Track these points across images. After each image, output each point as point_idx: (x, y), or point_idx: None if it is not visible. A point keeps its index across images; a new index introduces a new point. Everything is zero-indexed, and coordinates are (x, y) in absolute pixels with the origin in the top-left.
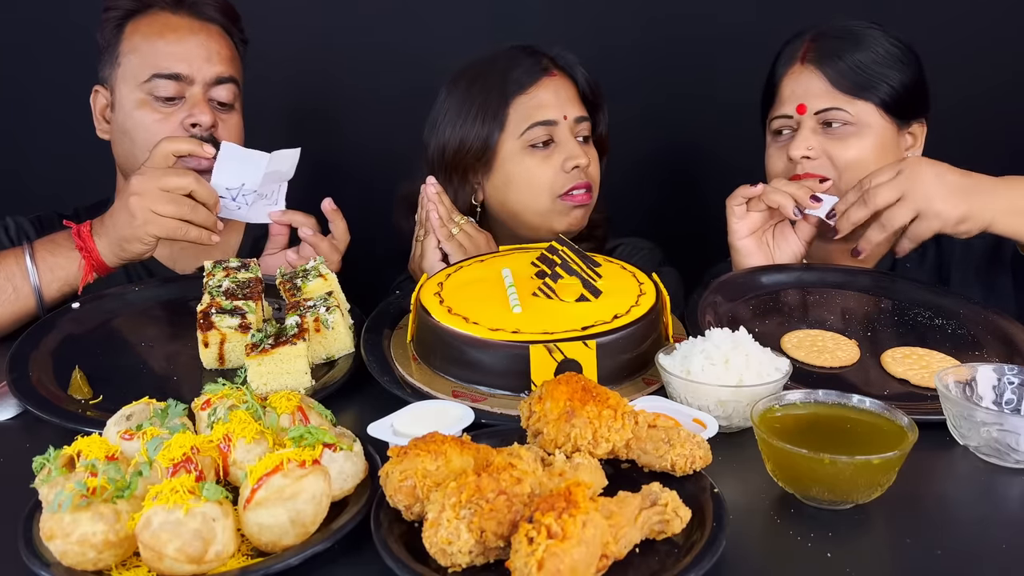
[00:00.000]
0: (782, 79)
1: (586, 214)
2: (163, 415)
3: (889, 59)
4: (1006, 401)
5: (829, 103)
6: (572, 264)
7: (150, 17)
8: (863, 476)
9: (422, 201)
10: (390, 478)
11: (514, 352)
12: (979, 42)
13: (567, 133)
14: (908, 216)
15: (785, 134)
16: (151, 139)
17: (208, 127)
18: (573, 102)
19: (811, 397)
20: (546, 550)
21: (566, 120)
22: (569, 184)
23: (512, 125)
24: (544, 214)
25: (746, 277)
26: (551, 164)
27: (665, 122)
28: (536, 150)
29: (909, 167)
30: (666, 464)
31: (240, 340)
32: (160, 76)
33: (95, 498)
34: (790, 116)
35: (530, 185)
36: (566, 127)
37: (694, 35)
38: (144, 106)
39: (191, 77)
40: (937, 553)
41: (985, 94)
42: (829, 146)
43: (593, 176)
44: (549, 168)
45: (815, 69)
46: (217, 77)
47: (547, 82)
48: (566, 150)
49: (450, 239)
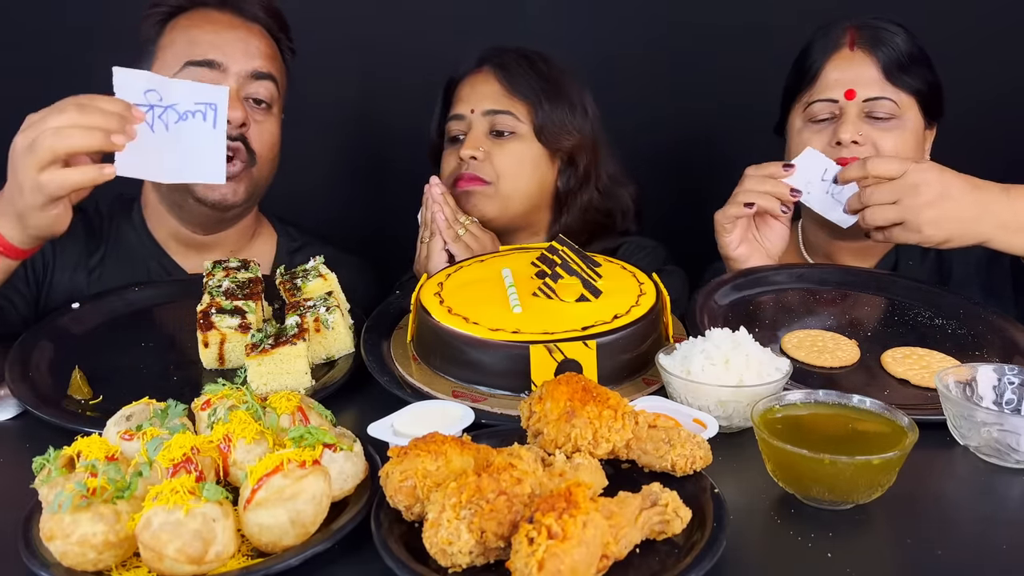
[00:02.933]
0: (826, 63)
1: (482, 205)
2: (163, 415)
3: (922, 57)
4: (1006, 401)
5: (879, 92)
6: (572, 264)
7: (193, 13)
8: (863, 476)
9: (426, 201)
10: (390, 478)
11: (514, 352)
12: (980, 48)
13: (475, 126)
14: (892, 219)
15: (826, 119)
16: None
17: (239, 124)
18: (489, 96)
19: (811, 397)
20: (546, 550)
21: (473, 113)
22: (457, 173)
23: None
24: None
25: (746, 278)
26: (454, 155)
27: (668, 119)
28: (452, 143)
29: (917, 172)
30: (666, 464)
31: (240, 340)
32: (192, 63)
33: (95, 499)
34: (835, 100)
35: (442, 175)
36: (474, 120)
37: (697, 33)
38: None
39: (225, 66)
40: (937, 553)
41: (984, 101)
42: (874, 135)
43: (490, 169)
44: (452, 158)
45: (868, 55)
46: (255, 71)
47: (470, 79)
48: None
49: (457, 240)
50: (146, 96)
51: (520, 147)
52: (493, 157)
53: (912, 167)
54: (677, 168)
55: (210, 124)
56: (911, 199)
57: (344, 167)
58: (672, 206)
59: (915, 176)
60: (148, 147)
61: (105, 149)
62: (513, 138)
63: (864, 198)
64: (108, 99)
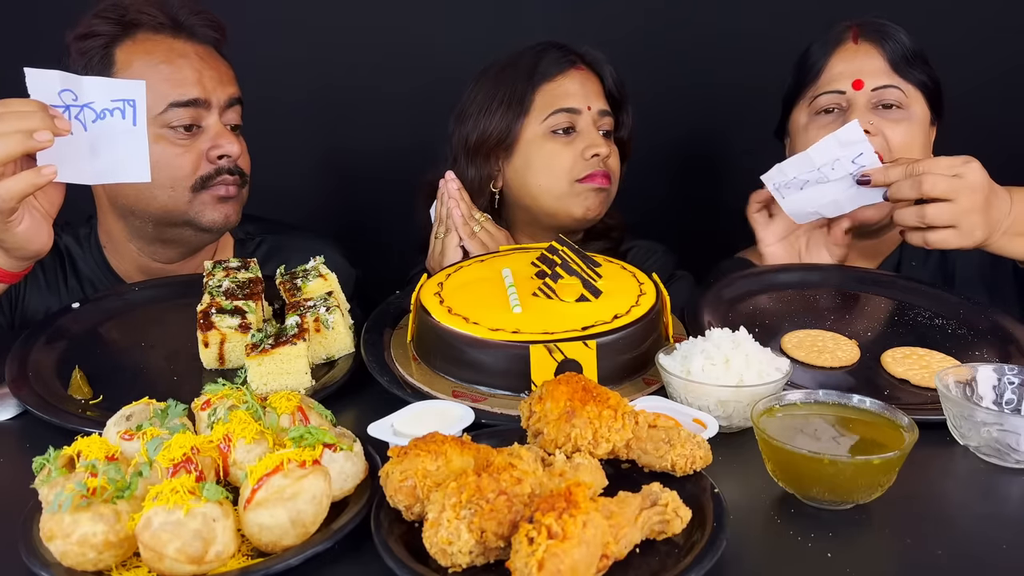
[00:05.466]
0: (830, 58)
1: (604, 202)
2: (163, 415)
3: (923, 56)
4: (1006, 401)
5: (887, 80)
6: (572, 264)
7: (144, 41)
8: (863, 476)
9: (441, 196)
10: (390, 478)
11: (514, 352)
12: (978, 45)
13: (589, 123)
14: (946, 221)
15: (833, 111)
16: (174, 175)
17: (236, 156)
18: (598, 96)
19: (811, 397)
20: (546, 550)
21: (589, 111)
22: (588, 170)
23: (536, 111)
24: (562, 198)
25: (747, 277)
26: (572, 150)
27: (675, 118)
28: (558, 136)
29: (972, 174)
30: (666, 464)
31: (240, 340)
32: (177, 104)
33: (95, 498)
34: (842, 92)
35: (550, 168)
36: (589, 117)
37: (701, 32)
38: (160, 140)
39: (208, 101)
40: (937, 553)
41: (981, 100)
42: (884, 126)
43: (612, 168)
44: (569, 153)
45: (874, 46)
46: (229, 99)
47: (574, 73)
48: (587, 138)
49: (472, 237)
50: (61, 96)
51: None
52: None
53: (963, 168)
54: (677, 171)
55: (129, 121)
56: (969, 199)
57: (312, 163)
58: (674, 208)
59: (971, 176)
60: (68, 149)
61: (31, 151)
62: (612, 140)
63: (921, 192)
64: (21, 100)
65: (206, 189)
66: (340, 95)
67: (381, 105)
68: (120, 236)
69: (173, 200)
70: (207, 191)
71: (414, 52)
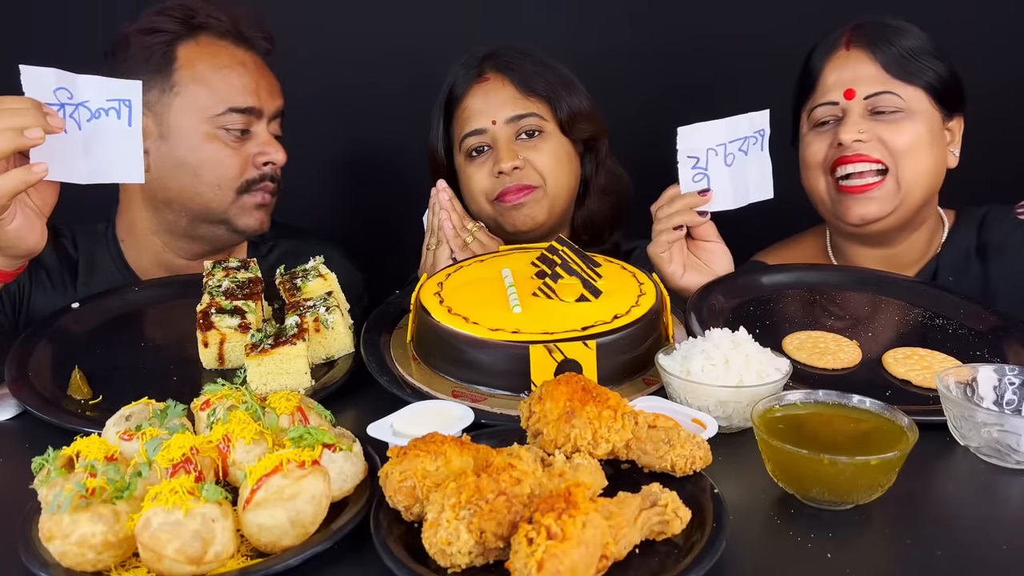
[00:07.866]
0: (824, 67)
1: (532, 213)
2: (162, 415)
3: (931, 49)
4: (1007, 402)
5: (880, 87)
6: (572, 264)
7: (207, 45)
8: (863, 476)
9: (433, 207)
10: (390, 478)
11: (514, 352)
12: (998, 42)
13: (500, 136)
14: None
15: (829, 123)
16: (223, 175)
17: (280, 164)
18: (508, 101)
19: (811, 397)
20: (546, 551)
21: (495, 125)
22: (499, 188)
23: (456, 138)
24: (494, 218)
25: (746, 278)
26: (485, 170)
27: (677, 117)
28: (473, 159)
29: None
30: (666, 465)
31: (240, 340)
32: (236, 110)
33: (94, 499)
34: (835, 103)
35: (471, 193)
36: (498, 131)
37: (699, 32)
38: (214, 140)
39: (261, 110)
40: (937, 553)
41: (1007, 95)
42: (881, 131)
43: (538, 169)
44: (483, 175)
45: (864, 53)
46: (277, 110)
47: (475, 90)
48: (495, 155)
49: (464, 249)
50: (56, 94)
51: (552, 144)
52: (532, 161)
53: None
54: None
55: (124, 122)
56: None
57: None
58: None
59: None
60: (61, 147)
61: (22, 148)
62: (543, 137)
63: None
64: (14, 98)
65: (248, 193)
66: (347, 94)
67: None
68: (145, 229)
69: (217, 199)
70: (249, 195)
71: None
